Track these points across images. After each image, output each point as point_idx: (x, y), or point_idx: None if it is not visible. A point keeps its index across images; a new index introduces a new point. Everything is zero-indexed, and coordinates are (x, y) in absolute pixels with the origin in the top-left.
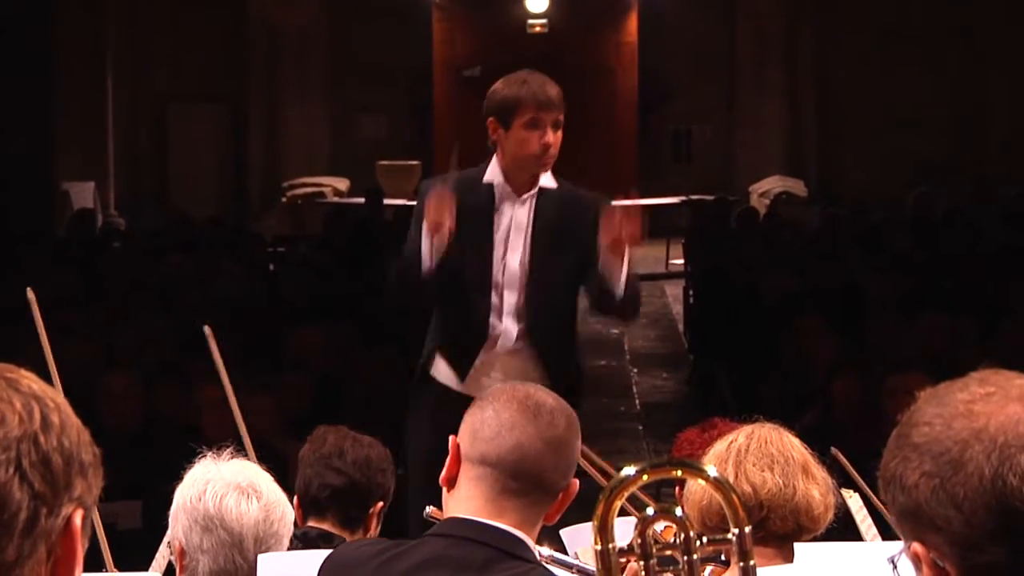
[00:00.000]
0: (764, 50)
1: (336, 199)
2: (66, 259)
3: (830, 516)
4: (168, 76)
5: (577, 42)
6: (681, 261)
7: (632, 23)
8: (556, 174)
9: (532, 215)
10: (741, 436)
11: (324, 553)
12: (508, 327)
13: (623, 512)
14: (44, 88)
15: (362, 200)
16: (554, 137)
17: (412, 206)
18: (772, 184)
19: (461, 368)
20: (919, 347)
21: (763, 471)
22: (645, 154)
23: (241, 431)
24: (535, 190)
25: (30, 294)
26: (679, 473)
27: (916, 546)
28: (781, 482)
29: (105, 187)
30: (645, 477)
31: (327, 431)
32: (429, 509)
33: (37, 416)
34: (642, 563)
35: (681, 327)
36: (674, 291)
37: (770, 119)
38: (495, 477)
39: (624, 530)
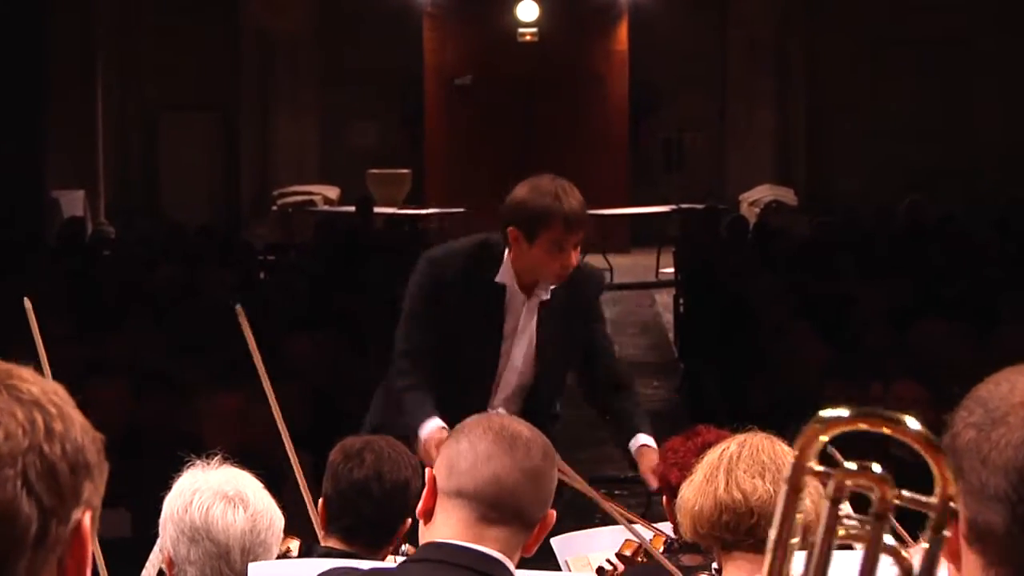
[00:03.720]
0: (755, 58)
1: (327, 207)
2: (56, 267)
3: None
4: (158, 84)
5: (568, 50)
6: (671, 269)
7: (623, 31)
8: None
9: (538, 316)
10: (733, 444)
11: (314, 563)
12: (501, 409)
13: (613, 520)
14: (34, 96)
15: (352, 208)
16: (575, 257)
17: (403, 215)
18: (762, 193)
19: None
20: (910, 355)
21: (754, 478)
22: (636, 162)
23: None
24: (546, 294)
25: (27, 304)
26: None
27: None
28: (772, 489)
29: (95, 195)
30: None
31: (363, 447)
32: (405, 547)
33: (40, 425)
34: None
35: (671, 335)
36: (664, 299)
37: (761, 127)
38: (473, 507)
39: (610, 540)
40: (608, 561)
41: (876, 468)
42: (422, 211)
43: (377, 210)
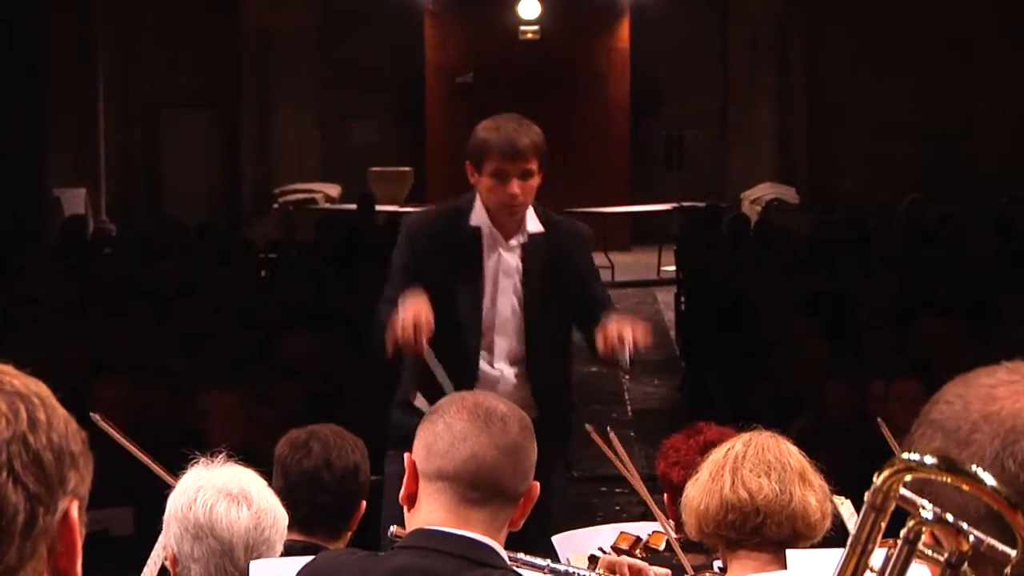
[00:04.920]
0: (756, 56)
1: (328, 205)
2: (57, 265)
3: (827, 523)
4: (159, 82)
5: (569, 48)
6: (673, 268)
7: (624, 29)
8: (538, 208)
9: (522, 262)
10: (739, 443)
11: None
12: (506, 372)
13: (610, 519)
14: (35, 94)
15: (354, 206)
16: (522, 187)
17: (403, 213)
18: (764, 191)
19: None
20: (911, 353)
21: (760, 477)
22: (637, 160)
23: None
24: (524, 237)
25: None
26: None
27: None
28: (778, 488)
29: (96, 193)
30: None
31: (308, 438)
32: (393, 529)
33: (24, 415)
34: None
35: (673, 334)
36: (666, 298)
37: (762, 126)
38: (454, 489)
39: (612, 538)
40: (600, 549)
41: (950, 518)
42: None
43: (378, 208)
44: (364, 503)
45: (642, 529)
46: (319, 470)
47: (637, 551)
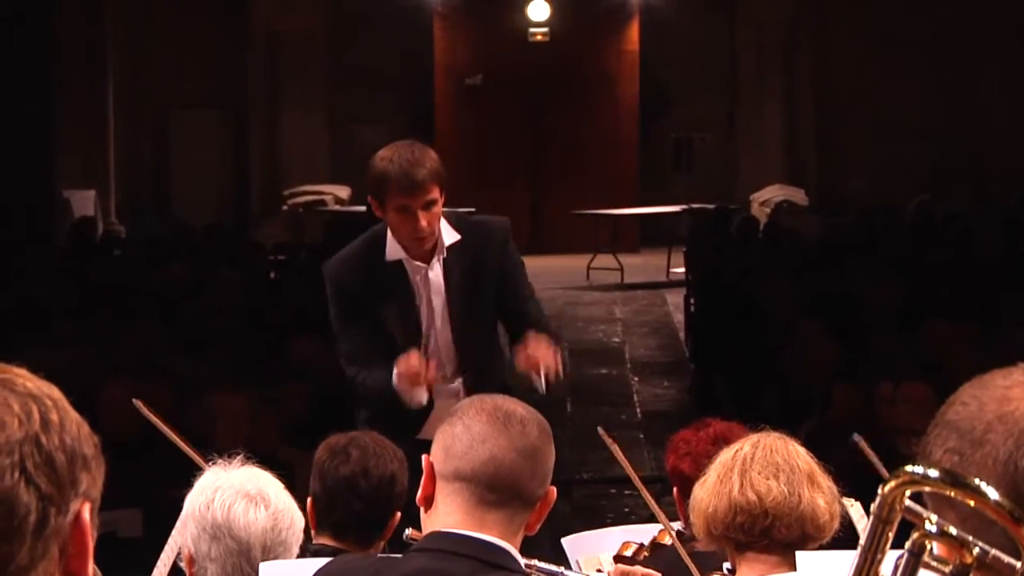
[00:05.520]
0: (765, 59)
1: (337, 207)
2: (66, 267)
3: (836, 525)
4: (169, 83)
5: (578, 50)
6: (682, 270)
7: (633, 31)
8: (451, 216)
9: (443, 279)
10: (747, 445)
11: (323, 563)
12: (458, 385)
13: (619, 521)
14: (44, 95)
15: (363, 208)
16: (427, 217)
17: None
18: (773, 193)
19: (412, 430)
20: (919, 355)
21: (768, 479)
22: (646, 162)
23: None
24: (443, 253)
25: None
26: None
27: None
28: (786, 490)
29: (106, 195)
30: (952, 494)
31: (348, 443)
32: (409, 531)
33: (36, 416)
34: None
35: (682, 336)
36: (675, 300)
37: (771, 128)
38: (471, 491)
39: (621, 540)
40: (598, 571)
41: (953, 531)
42: None
43: None
44: (399, 514)
45: (648, 533)
46: (355, 477)
47: (643, 555)
